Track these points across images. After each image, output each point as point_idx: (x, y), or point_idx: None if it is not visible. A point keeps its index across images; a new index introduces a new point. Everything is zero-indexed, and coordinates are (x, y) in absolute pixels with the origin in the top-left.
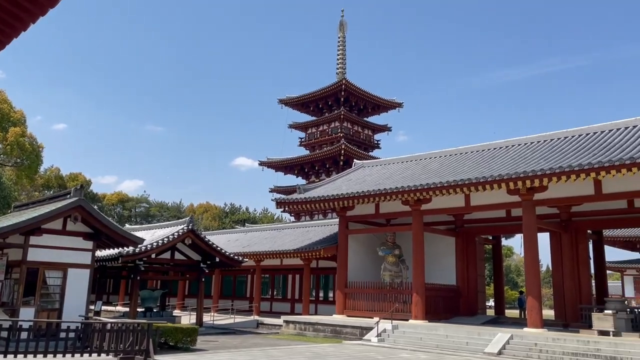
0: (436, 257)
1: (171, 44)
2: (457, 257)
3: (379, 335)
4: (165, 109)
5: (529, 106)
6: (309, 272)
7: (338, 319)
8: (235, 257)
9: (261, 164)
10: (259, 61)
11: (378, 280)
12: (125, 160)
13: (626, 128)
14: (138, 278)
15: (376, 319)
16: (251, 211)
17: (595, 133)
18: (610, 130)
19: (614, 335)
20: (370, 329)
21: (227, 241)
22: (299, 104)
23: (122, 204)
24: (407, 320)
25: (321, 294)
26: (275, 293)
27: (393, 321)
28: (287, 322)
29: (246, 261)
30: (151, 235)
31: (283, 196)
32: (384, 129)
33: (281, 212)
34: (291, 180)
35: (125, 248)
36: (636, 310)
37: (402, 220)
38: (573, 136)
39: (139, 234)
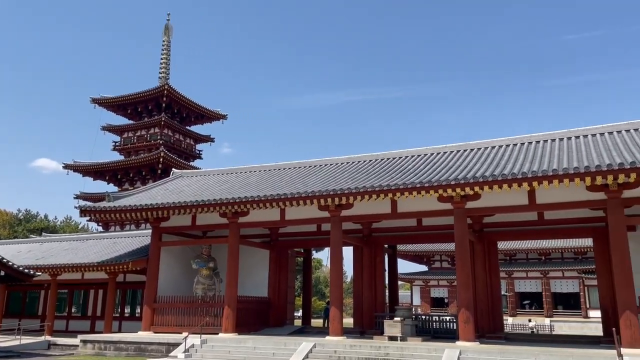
0: (251, 269)
1: None
2: (270, 269)
3: (186, 351)
4: None
5: (344, 127)
6: (114, 287)
7: (144, 335)
8: (26, 270)
9: (66, 167)
10: (79, 57)
11: (191, 294)
12: None
13: (418, 155)
14: None
15: (185, 334)
16: (51, 219)
17: (394, 158)
18: (406, 157)
19: (401, 340)
20: (178, 344)
21: (17, 252)
22: (116, 105)
23: None
24: (217, 334)
25: (127, 310)
26: (73, 310)
27: (202, 336)
28: (84, 341)
29: (39, 275)
30: None
31: (90, 204)
32: (207, 139)
33: (87, 221)
34: (102, 186)
35: None
36: (421, 316)
37: (219, 233)
38: (377, 159)
39: None
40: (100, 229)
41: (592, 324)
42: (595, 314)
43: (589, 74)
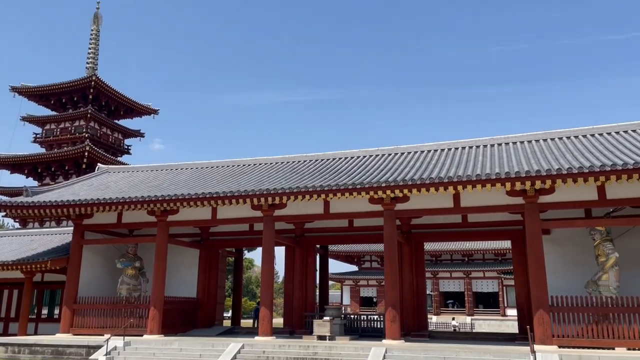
0: (179, 269)
1: None
2: (200, 269)
3: (108, 353)
4: None
5: (281, 127)
6: (30, 287)
7: (62, 338)
8: None
9: None
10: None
11: (115, 295)
12: None
13: (352, 157)
14: None
15: (107, 336)
16: None
17: (328, 159)
18: (340, 158)
19: (329, 340)
20: (99, 347)
21: None
22: (38, 95)
23: None
24: (141, 335)
25: (45, 312)
26: None
27: (126, 337)
28: None
29: None
30: None
31: (6, 198)
32: (137, 134)
33: (2, 216)
34: (20, 180)
35: None
36: (350, 316)
37: (147, 231)
38: (311, 160)
39: None
40: (17, 225)
41: (509, 321)
42: (512, 312)
43: (514, 85)
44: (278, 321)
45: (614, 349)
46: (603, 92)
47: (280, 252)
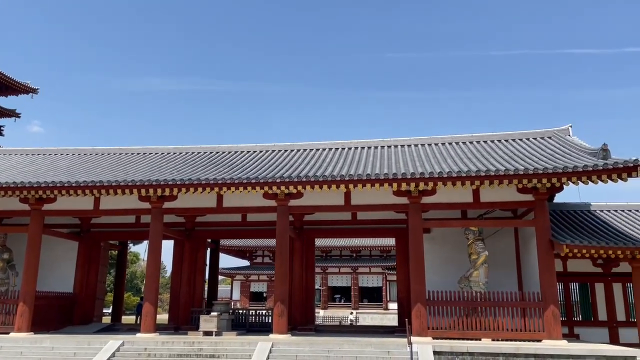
0: (55, 262)
1: None
2: (78, 262)
3: None
4: None
5: (176, 116)
6: None
7: None
8: None
9: None
10: None
11: None
12: None
13: (248, 152)
14: None
15: None
16: None
17: (224, 152)
18: (236, 152)
19: (216, 335)
20: None
21: None
22: None
23: None
24: (8, 333)
25: None
26: None
27: None
28: None
29: None
30: None
31: None
32: (12, 114)
33: None
34: None
35: None
36: (239, 311)
37: (18, 220)
38: (205, 152)
39: None
40: None
41: (390, 315)
42: (394, 306)
43: (408, 92)
44: (163, 317)
45: (480, 339)
46: (491, 103)
47: (168, 245)
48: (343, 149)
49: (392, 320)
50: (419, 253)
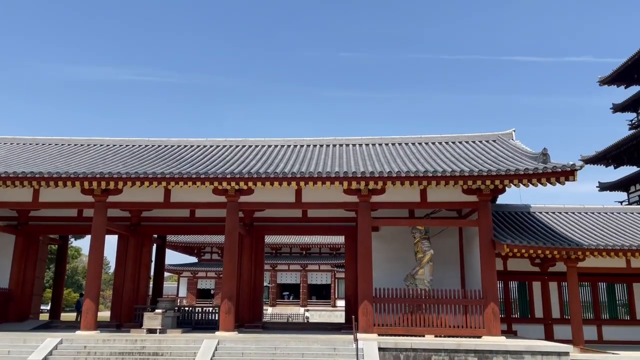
0: None
1: None
2: (14, 257)
3: None
4: None
5: (115, 106)
6: None
7: None
8: None
9: None
10: None
11: None
12: None
13: (198, 146)
14: None
15: None
16: None
17: (172, 146)
18: (185, 146)
19: (160, 333)
20: None
21: None
22: None
23: None
24: None
25: None
26: None
27: None
28: None
29: None
30: None
31: None
32: None
33: None
34: None
35: None
36: (185, 308)
37: None
38: (153, 145)
39: None
40: None
41: (338, 312)
42: (342, 303)
43: (359, 91)
44: (105, 315)
45: (424, 336)
46: (439, 105)
47: (112, 240)
48: (295, 146)
49: (339, 317)
50: (367, 251)
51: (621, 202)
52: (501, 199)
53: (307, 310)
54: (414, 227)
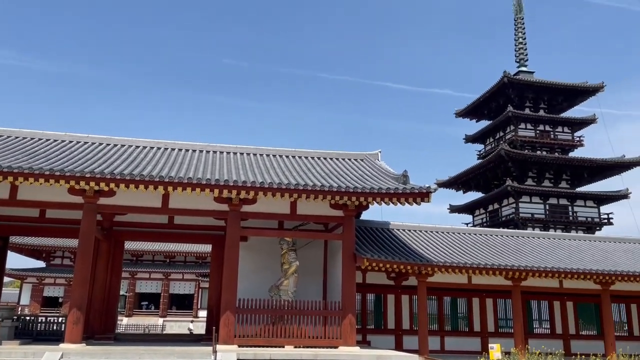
0: None
1: None
2: None
3: None
4: None
5: None
6: None
7: None
8: None
9: None
10: None
11: None
12: None
13: (55, 141)
14: None
15: None
16: None
17: (25, 138)
18: (40, 139)
19: None
20: None
21: None
22: None
23: None
24: None
25: None
26: None
27: None
28: None
29: None
30: None
31: None
32: None
33: None
34: None
35: None
36: (26, 317)
37: None
38: (2, 136)
39: None
40: None
41: (200, 323)
42: (204, 314)
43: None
44: None
45: (284, 347)
46: (312, 120)
47: None
48: (166, 149)
49: (201, 328)
50: (234, 261)
51: (467, 224)
52: (364, 215)
53: (192, 322)
54: (282, 238)
